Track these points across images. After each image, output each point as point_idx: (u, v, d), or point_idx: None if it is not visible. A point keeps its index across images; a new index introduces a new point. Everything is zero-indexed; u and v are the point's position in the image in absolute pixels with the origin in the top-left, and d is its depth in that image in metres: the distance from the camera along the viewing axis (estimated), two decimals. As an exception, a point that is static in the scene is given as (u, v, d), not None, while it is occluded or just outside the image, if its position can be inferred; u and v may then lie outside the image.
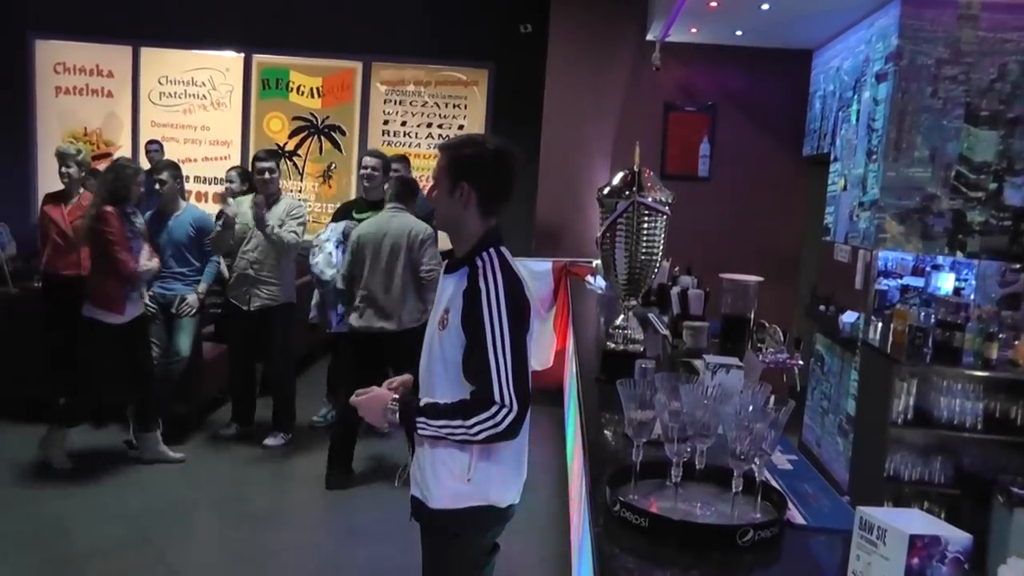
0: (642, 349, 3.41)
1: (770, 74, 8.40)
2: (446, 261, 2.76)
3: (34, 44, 10.15)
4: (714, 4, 6.64)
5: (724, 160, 8.49)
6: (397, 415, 2.63)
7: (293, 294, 6.58)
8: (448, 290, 2.67)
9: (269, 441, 6.49)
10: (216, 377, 7.12)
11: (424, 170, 9.83)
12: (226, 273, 6.65)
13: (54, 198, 6.53)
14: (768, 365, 3.53)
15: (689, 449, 2.08)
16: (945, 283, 6.73)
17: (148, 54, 10.15)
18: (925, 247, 6.40)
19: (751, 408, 2.01)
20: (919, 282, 6.74)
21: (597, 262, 7.39)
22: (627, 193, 3.31)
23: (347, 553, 4.96)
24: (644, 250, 3.32)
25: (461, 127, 9.96)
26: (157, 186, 6.36)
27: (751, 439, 1.99)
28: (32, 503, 5.32)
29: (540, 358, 7.78)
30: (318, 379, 7.29)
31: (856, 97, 6.97)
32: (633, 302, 3.44)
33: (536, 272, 7.57)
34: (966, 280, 6.72)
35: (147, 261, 5.81)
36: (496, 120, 9.87)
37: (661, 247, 3.36)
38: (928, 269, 6.75)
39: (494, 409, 2.49)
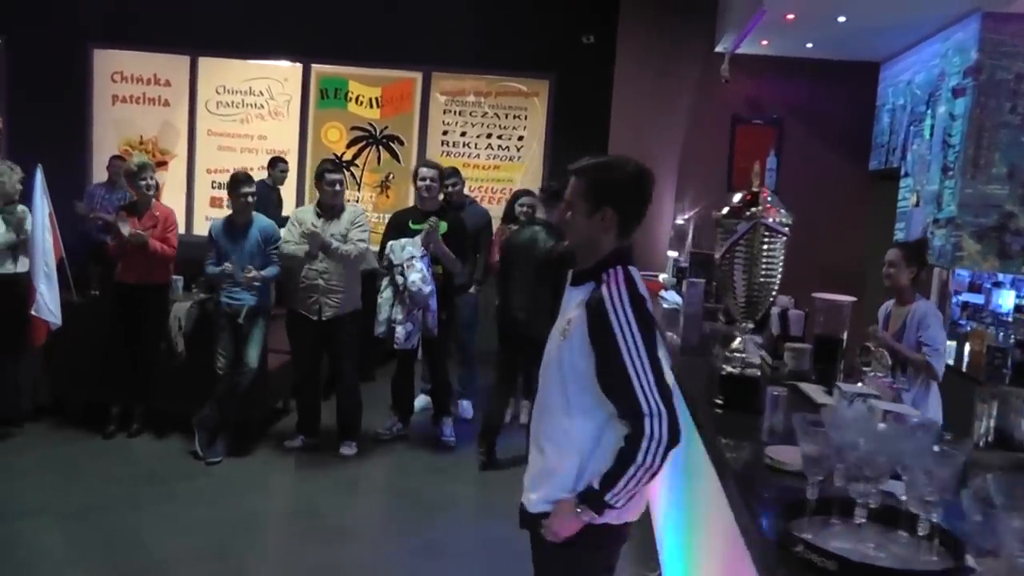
0: (759, 373, 3.34)
1: (836, 87, 8.33)
2: (572, 273, 2.75)
3: (92, 53, 10.20)
4: (791, 17, 6.58)
5: (790, 173, 8.41)
6: (590, 512, 2.57)
7: (360, 301, 6.58)
8: (573, 301, 2.67)
9: (344, 450, 6.47)
10: (280, 387, 7.12)
11: (483, 181, 9.81)
12: None
13: (128, 210, 6.55)
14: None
15: (874, 490, 2.01)
16: (1006, 300, 6.65)
17: (206, 64, 10.18)
18: (1002, 266, 6.31)
19: (937, 449, 1.95)
20: (978, 299, 6.66)
21: (664, 276, 7.33)
22: (748, 214, 3.24)
23: (426, 570, 4.92)
24: (763, 272, 3.25)
25: (521, 138, 9.92)
26: (248, 199, 6.32)
27: (936, 484, 1.92)
28: (103, 513, 5.28)
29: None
30: (382, 392, 7.23)
31: (930, 112, 6.88)
32: (750, 325, 3.37)
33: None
34: None
35: None
36: (557, 132, 9.82)
37: (780, 269, 3.30)
38: (988, 286, 6.66)
39: (648, 423, 2.46)
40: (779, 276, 3.30)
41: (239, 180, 6.37)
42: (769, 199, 3.30)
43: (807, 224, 8.20)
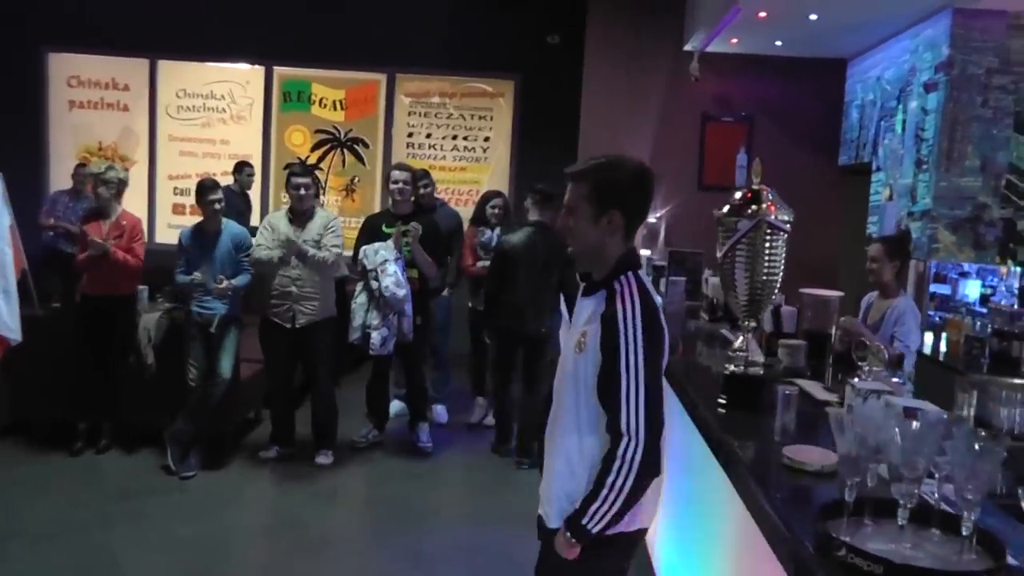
0: (762, 372, 3.30)
1: (804, 84, 8.36)
2: (583, 284, 2.69)
3: (47, 57, 9.99)
4: (763, 15, 6.58)
5: (762, 170, 8.39)
6: (575, 539, 2.53)
7: (334, 308, 6.46)
8: (585, 313, 2.62)
9: (321, 459, 6.34)
10: (251, 397, 6.98)
11: (450, 183, 9.71)
12: None
13: (93, 216, 6.37)
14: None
15: (916, 490, 1.96)
16: (972, 290, 6.70)
17: (165, 67, 10.02)
18: (977, 256, 6.38)
19: (978, 446, 1.90)
20: (945, 289, 6.71)
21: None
22: (749, 211, 3.19)
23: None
24: (766, 270, 3.20)
25: (487, 139, 9.87)
26: (216, 206, 6.15)
27: (978, 481, 1.88)
28: (75, 533, 5.08)
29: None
30: (352, 398, 7.10)
31: (901, 107, 6.91)
32: (753, 324, 3.32)
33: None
34: (993, 286, 6.69)
35: None
36: (523, 132, 9.78)
37: (782, 267, 3.25)
38: (954, 276, 6.71)
39: (623, 445, 2.43)
40: (781, 274, 3.26)
41: (206, 187, 6.18)
42: (770, 196, 3.26)
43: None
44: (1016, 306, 6.39)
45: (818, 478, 2.52)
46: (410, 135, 9.95)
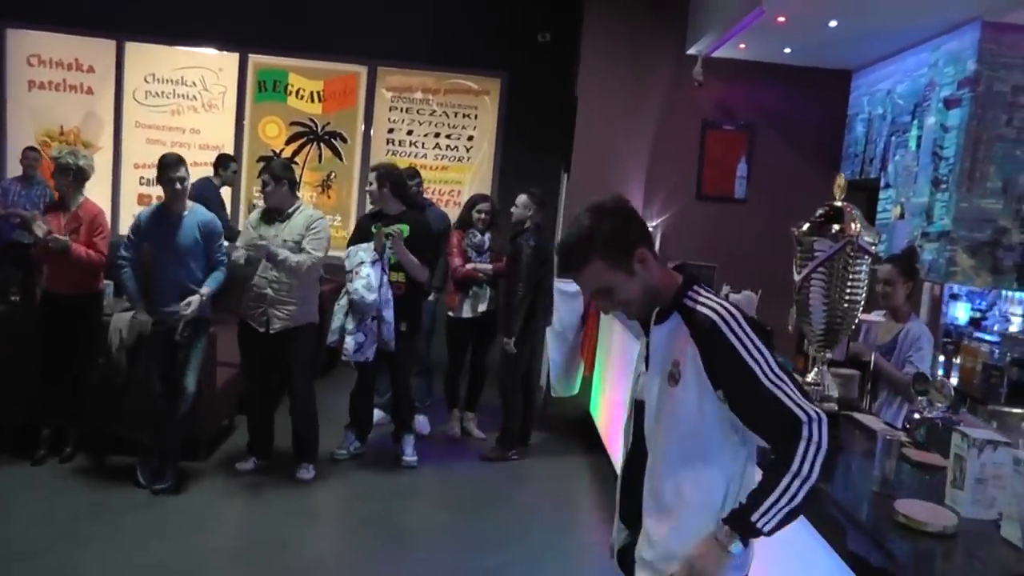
0: (836, 408, 2.98)
1: (807, 94, 8.08)
2: (657, 310, 2.38)
3: (5, 33, 9.45)
4: (782, 19, 6.29)
5: (762, 181, 8.13)
6: (735, 537, 2.16)
7: (316, 314, 6.03)
8: (663, 340, 2.34)
9: (302, 474, 5.94)
10: (226, 403, 6.56)
11: (431, 182, 9.31)
12: None
13: (53, 207, 5.90)
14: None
15: None
16: (960, 312, 6.52)
17: (133, 49, 9.51)
18: (995, 281, 6.16)
19: None
20: None
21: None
22: (832, 231, 2.87)
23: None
24: (848, 296, 2.89)
25: (471, 138, 9.54)
26: (178, 185, 5.49)
27: None
28: (42, 554, 4.62)
29: (568, 384, 7.43)
30: (331, 404, 6.62)
31: (916, 122, 6.66)
32: (829, 355, 3.00)
33: (566, 294, 7.15)
34: (982, 310, 6.50)
35: None
36: (508, 132, 9.47)
37: (864, 293, 2.94)
38: (945, 298, 6.52)
39: (808, 430, 2.13)
40: (863, 301, 2.95)
41: (168, 163, 5.52)
42: (854, 213, 2.95)
43: (780, 234, 7.99)
44: (1010, 330, 6.22)
45: (941, 540, 2.21)
46: (390, 131, 9.57)
